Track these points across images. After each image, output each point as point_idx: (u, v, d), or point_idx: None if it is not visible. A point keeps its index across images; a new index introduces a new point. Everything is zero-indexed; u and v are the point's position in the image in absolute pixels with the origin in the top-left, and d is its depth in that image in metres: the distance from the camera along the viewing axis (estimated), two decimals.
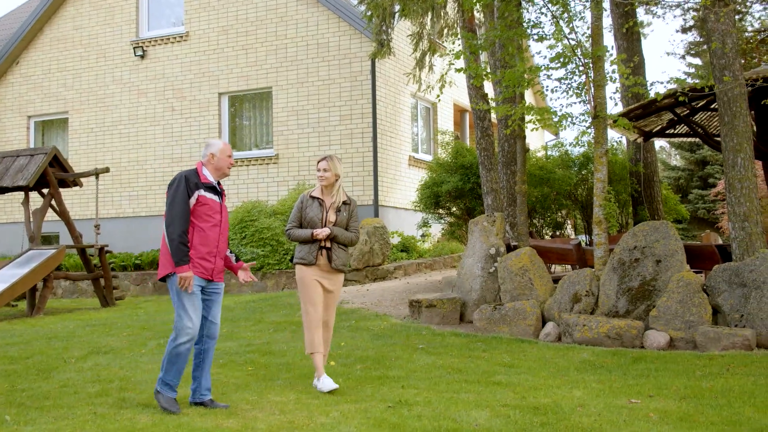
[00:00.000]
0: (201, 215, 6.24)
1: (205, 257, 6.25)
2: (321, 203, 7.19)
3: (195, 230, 6.23)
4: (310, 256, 7.07)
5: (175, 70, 19.41)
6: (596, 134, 10.17)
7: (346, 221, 7.23)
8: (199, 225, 6.23)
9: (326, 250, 7.11)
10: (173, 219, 6.12)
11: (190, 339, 6.16)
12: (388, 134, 17.84)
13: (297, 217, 7.23)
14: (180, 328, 6.13)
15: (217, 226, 6.34)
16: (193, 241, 6.20)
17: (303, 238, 7.11)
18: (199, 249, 6.22)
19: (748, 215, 9.36)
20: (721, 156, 9.89)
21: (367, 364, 8.03)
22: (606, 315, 9.47)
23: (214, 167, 6.42)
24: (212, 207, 6.30)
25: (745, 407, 5.93)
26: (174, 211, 6.14)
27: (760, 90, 10.70)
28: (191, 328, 6.14)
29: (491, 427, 5.45)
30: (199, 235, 6.23)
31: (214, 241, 6.30)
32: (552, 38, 10.09)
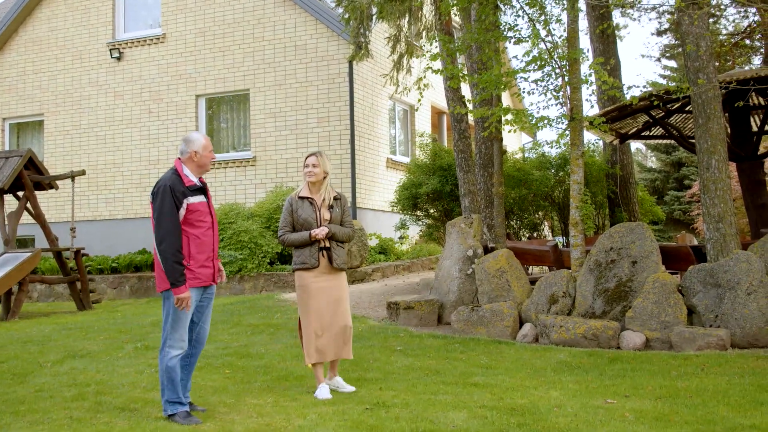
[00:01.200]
0: (193, 223, 5.94)
1: (204, 264, 6.00)
2: (312, 202, 6.92)
3: (190, 239, 5.91)
4: (313, 259, 6.82)
5: (152, 72, 19.32)
6: (572, 136, 10.23)
7: (340, 217, 7.00)
8: (193, 233, 5.93)
9: (326, 250, 6.86)
10: (164, 237, 5.78)
11: (182, 351, 5.97)
12: (366, 136, 17.85)
13: (289, 221, 6.94)
14: (173, 342, 5.92)
15: (210, 229, 6.07)
16: (190, 251, 5.90)
17: (301, 241, 6.85)
18: (198, 258, 5.95)
19: (722, 216, 9.45)
20: (696, 158, 9.97)
21: (344, 367, 8.02)
22: (583, 316, 9.53)
23: (196, 165, 6.11)
24: (202, 210, 6.02)
25: (719, 406, 5.98)
26: (163, 228, 5.79)
27: (734, 93, 10.82)
28: (184, 341, 5.97)
29: (468, 428, 5.47)
30: (195, 243, 5.94)
31: (210, 245, 6.05)
32: (529, 41, 10.15)
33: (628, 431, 5.36)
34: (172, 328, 5.91)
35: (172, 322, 5.90)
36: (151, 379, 7.57)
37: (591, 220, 11.20)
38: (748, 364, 7.68)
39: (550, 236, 17.41)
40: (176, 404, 5.90)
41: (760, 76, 10.56)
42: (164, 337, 5.96)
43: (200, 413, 6.07)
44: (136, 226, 18.98)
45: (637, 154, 43.60)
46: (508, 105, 10.98)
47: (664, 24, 22.37)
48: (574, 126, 10.16)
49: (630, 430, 5.38)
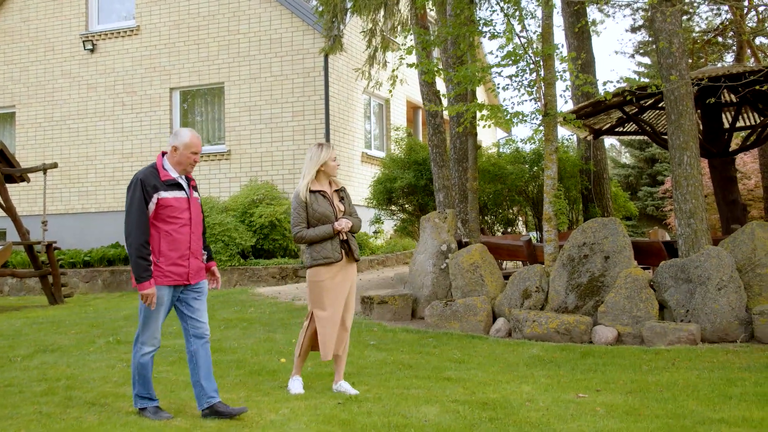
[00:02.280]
0: (165, 218, 5.68)
1: (177, 262, 5.72)
2: (325, 195, 6.67)
3: (161, 235, 5.68)
4: (337, 253, 6.58)
5: (126, 65, 19.16)
6: (546, 132, 10.27)
7: (349, 207, 6.85)
8: (165, 229, 5.68)
9: (345, 243, 6.67)
10: (130, 230, 5.59)
11: (155, 348, 5.82)
12: (341, 131, 17.82)
13: (303, 217, 6.61)
14: (144, 339, 5.77)
15: (187, 226, 5.77)
16: (161, 247, 5.67)
17: (323, 236, 6.55)
18: (170, 255, 5.69)
19: (693, 212, 9.53)
20: (668, 154, 10.05)
21: (317, 361, 7.99)
22: (555, 311, 9.57)
23: (176, 162, 5.84)
24: (177, 207, 5.72)
25: (688, 400, 6.04)
26: (130, 220, 5.60)
27: (706, 89, 10.91)
28: (156, 339, 5.80)
29: (440, 422, 5.48)
30: (167, 239, 5.69)
31: (185, 243, 5.75)
32: (504, 36, 10.17)
33: (598, 425, 5.39)
34: (143, 325, 5.78)
35: (143, 319, 5.78)
36: (123, 374, 7.52)
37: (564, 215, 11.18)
38: (718, 358, 7.76)
39: (525, 231, 17.49)
40: (146, 399, 5.83)
41: (732, 73, 10.65)
42: (137, 333, 5.86)
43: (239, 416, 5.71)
44: (109, 219, 18.83)
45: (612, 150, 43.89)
46: (483, 100, 10.99)
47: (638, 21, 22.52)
48: (548, 121, 10.20)
49: (600, 424, 5.41)
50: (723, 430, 5.20)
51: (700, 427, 5.28)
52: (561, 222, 10.36)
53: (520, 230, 17.33)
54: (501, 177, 15.16)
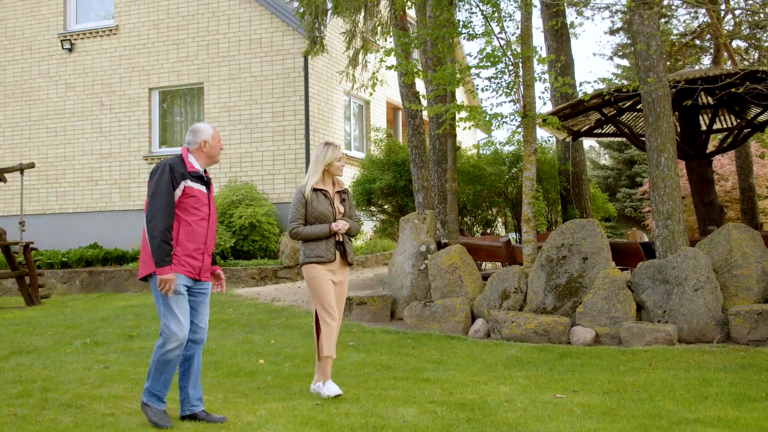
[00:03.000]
0: (187, 208, 5.60)
1: (193, 254, 5.62)
2: (326, 195, 6.61)
3: (181, 225, 5.58)
4: (329, 254, 6.52)
5: (104, 65, 19.04)
6: (525, 133, 10.30)
7: (349, 210, 6.78)
8: (185, 219, 5.59)
9: (340, 244, 6.61)
10: (155, 213, 5.45)
11: (180, 345, 5.55)
12: (321, 131, 17.80)
13: (302, 214, 6.55)
14: (168, 334, 5.51)
15: (205, 220, 5.70)
16: (179, 237, 5.56)
17: (318, 235, 6.50)
18: (186, 246, 5.58)
19: (671, 213, 9.59)
20: (646, 156, 10.11)
21: (296, 362, 8.00)
22: (534, 311, 9.61)
23: (206, 156, 5.82)
24: (200, 199, 5.66)
25: (665, 401, 6.08)
26: (156, 204, 5.47)
27: (684, 92, 10.97)
28: (181, 333, 5.54)
29: (418, 423, 5.49)
30: (186, 230, 5.59)
31: (201, 236, 5.67)
32: (483, 38, 10.20)
33: (575, 426, 5.41)
34: (165, 317, 5.55)
35: (164, 311, 5.55)
36: (99, 375, 7.47)
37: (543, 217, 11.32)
38: (694, 358, 7.81)
39: (504, 232, 17.54)
40: (155, 397, 5.61)
41: (709, 76, 10.73)
42: (162, 326, 5.60)
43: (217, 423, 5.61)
44: (87, 220, 18.73)
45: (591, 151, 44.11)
46: (462, 101, 11.01)
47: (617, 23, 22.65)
48: (527, 123, 10.23)
49: (577, 424, 5.44)
50: (698, 430, 5.24)
51: (676, 427, 5.32)
52: (540, 223, 10.42)
53: (499, 231, 17.38)
54: (480, 178, 15.20)
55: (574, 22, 19.38)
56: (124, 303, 13.50)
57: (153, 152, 18.46)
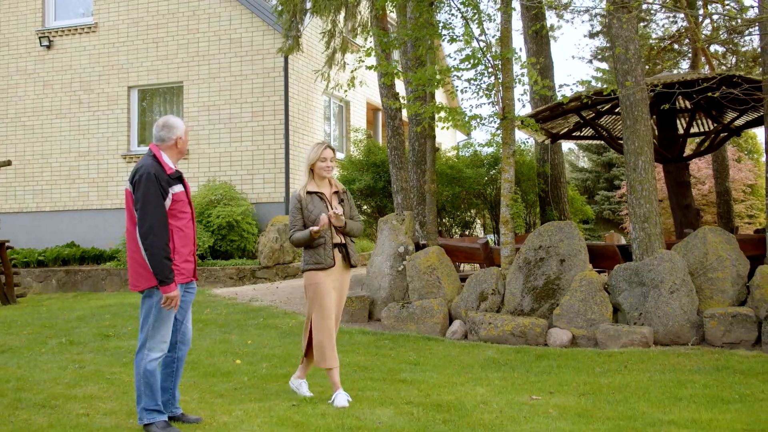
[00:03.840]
0: (176, 214, 5.43)
1: (188, 258, 5.51)
2: (322, 197, 6.40)
3: (174, 232, 5.41)
4: (328, 259, 6.29)
5: (83, 62, 18.92)
6: (504, 135, 10.33)
7: (349, 211, 6.54)
8: (176, 225, 5.42)
9: (342, 247, 6.39)
10: (151, 229, 5.23)
11: (164, 353, 5.47)
12: (300, 131, 17.77)
13: (299, 219, 6.36)
14: (153, 344, 5.38)
15: (191, 220, 5.58)
16: (175, 245, 5.40)
17: (304, 240, 6.29)
18: (182, 252, 5.45)
19: (648, 216, 9.65)
20: (624, 159, 10.18)
21: (273, 363, 7.99)
22: (511, 313, 9.64)
23: (179, 152, 5.61)
24: (184, 201, 5.50)
25: (640, 402, 6.12)
26: (150, 219, 5.25)
27: (662, 95, 11.04)
28: (166, 343, 5.45)
29: (394, 424, 5.49)
30: (179, 236, 5.43)
31: (192, 237, 5.55)
32: (463, 39, 10.22)
33: (551, 427, 5.43)
34: (154, 329, 5.37)
35: (154, 322, 5.36)
36: (75, 375, 7.43)
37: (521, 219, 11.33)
38: (669, 360, 7.86)
39: (482, 234, 17.58)
40: (154, 413, 5.39)
41: (686, 80, 10.81)
42: (143, 338, 5.41)
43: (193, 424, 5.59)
44: (64, 218, 18.60)
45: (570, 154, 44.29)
46: (441, 102, 11.03)
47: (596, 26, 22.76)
48: (505, 125, 10.26)
49: (553, 426, 5.46)
50: (672, 431, 5.27)
51: (650, 428, 5.35)
52: (518, 225, 10.44)
53: (477, 233, 17.42)
54: (459, 180, 15.23)
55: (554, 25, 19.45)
56: (100, 302, 13.42)
57: (132, 151, 18.36)
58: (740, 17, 11.28)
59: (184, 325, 5.70)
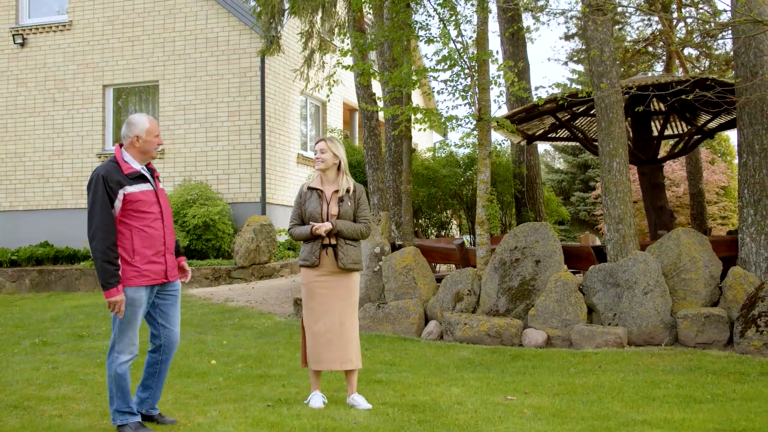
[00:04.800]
0: (135, 214, 5.25)
1: (153, 260, 5.31)
2: (320, 194, 6.25)
3: (134, 233, 5.23)
4: (312, 257, 6.16)
5: (57, 60, 18.77)
6: (480, 136, 10.37)
7: (353, 211, 6.31)
8: (136, 226, 5.24)
9: (331, 247, 6.19)
10: (94, 233, 5.11)
11: (134, 357, 5.36)
12: (277, 131, 17.73)
13: (297, 214, 6.31)
14: (123, 347, 5.28)
15: (159, 220, 5.37)
16: (134, 246, 5.23)
17: (303, 236, 6.20)
18: (144, 253, 5.26)
19: (622, 218, 9.72)
20: (599, 160, 10.25)
21: (248, 363, 7.97)
22: (487, 314, 9.67)
23: (138, 151, 5.38)
24: (146, 200, 5.31)
25: (614, 402, 6.16)
26: (94, 222, 5.12)
27: (636, 98, 11.12)
28: (135, 346, 5.34)
29: (369, 425, 5.49)
30: (141, 236, 5.25)
31: (159, 238, 5.35)
32: (440, 41, 10.25)
33: (525, 427, 5.46)
34: (120, 332, 5.27)
35: (119, 325, 5.26)
36: (48, 376, 7.37)
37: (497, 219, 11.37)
38: (643, 361, 7.93)
39: (458, 235, 17.62)
40: (126, 414, 5.32)
41: (660, 82, 10.90)
42: (112, 340, 5.34)
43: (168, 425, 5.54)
44: (38, 218, 18.44)
45: (546, 155, 44.48)
46: (418, 103, 11.05)
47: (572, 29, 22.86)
48: (481, 126, 10.30)
49: (527, 426, 5.49)
50: (645, 431, 5.31)
51: (623, 428, 5.39)
52: (494, 226, 10.48)
53: (453, 234, 17.46)
54: (435, 180, 15.26)
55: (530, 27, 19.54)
56: (74, 302, 13.33)
57: (107, 150, 18.23)
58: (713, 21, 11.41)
59: (167, 329, 5.54)
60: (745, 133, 9.76)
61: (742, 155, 9.82)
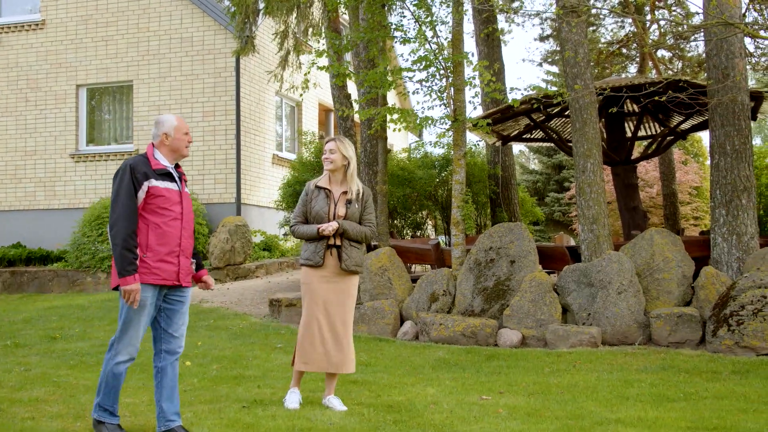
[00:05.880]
0: (155, 210, 5.18)
1: (165, 259, 5.19)
2: (328, 194, 6.18)
3: (150, 228, 5.16)
4: (317, 257, 6.10)
5: (30, 60, 18.59)
6: (455, 137, 10.40)
7: (359, 214, 6.24)
8: (154, 221, 5.17)
9: (336, 248, 6.14)
10: (116, 220, 5.04)
11: (131, 359, 5.26)
12: (252, 132, 17.68)
13: (302, 211, 6.24)
14: (122, 347, 5.18)
15: (178, 220, 5.27)
16: (149, 241, 5.14)
17: (308, 236, 6.14)
18: (158, 250, 5.16)
19: (596, 218, 9.79)
20: (574, 161, 10.31)
21: (223, 364, 7.94)
22: (462, 314, 9.70)
23: (169, 149, 5.34)
24: (169, 198, 5.23)
25: (588, 402, 6.20)
26: (117, 210, 5.06)
27: (610, 99, 11.21)
28: (135, 347, 5.22)
29: (345, 425, 5.49)
30: (156, 233, 5.17)
31: (175, 238, 5.24)
32: (415, 42, 10.27)
33: (500, 427, 5.48)
34: (121, 331, 5.18)
35: (123, 323, 5.17)
36: (20, 378, 7.30)
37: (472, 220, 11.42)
38: (617, 360, 7.99)
39: (433, 235, 17.65)
40: (106, 412, 5.22)
41: (634, 84, 10.97)
42: (113, 338, 5.26)
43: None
44: (10, 218, 18.25)
45: (520, 156, 44.66)
46: (394, 103, 11.07)
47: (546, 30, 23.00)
48: (456, 127, 10.33)
49: (502, 425, 5.51)
50: (619, 430, 5.35)
51: (597, 427, 5.43)
52: (469, 226, 10.52)
53: (428, 234, 17.48)
54: (411, 181, 15.27)
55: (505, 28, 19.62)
56: (47, 304, 13.22)
57: (80, 150, 18.10)
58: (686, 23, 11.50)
59: (171, 335, 5.39)
60: (717, 134, 9.86)
61: (714, 156, 9.92)
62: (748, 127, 9.86)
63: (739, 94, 9.71)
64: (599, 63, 19.76)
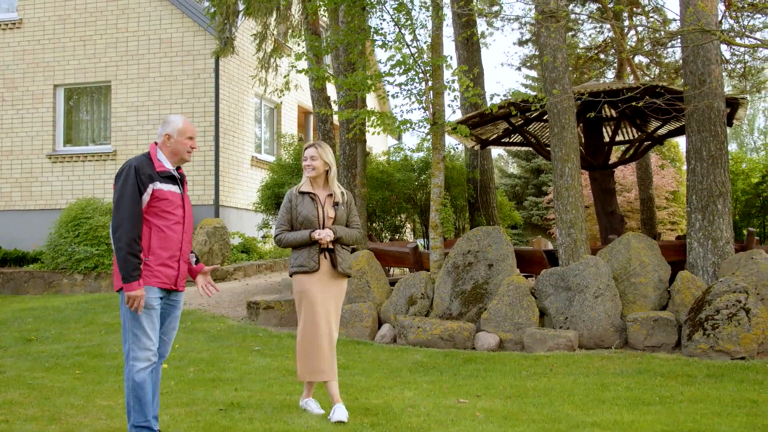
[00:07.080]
0: (159, 213, 5.05)
1: (167, 263, 5.07)
2: (314, 198, 6.10)
3: (153, 231, 5.03)
4: (312, 262, 5.98)
5: (7, 59, 18.44)
6: (434, 140, 10.42)
7: (346, 217, 6.20)
8: (156, 224, 5.04)
9: (329, 252, 6.06)
10: (120, 222, 4.90)
11: (152, 363, 5.03)
12: (231, 134, 17.63)
13: (287, 219, 6.11)
14: (138, 353, 4.97)
15: (180, 224, 5.15)
16: (151, 244, 5.02)
17: (299, 242, 6.00)
18: (160, 254, 5.04)
19: (574, 222, 9.84)
20: (552, 165, 10.36)
21: (200, 367, 7.92)
22: (440, 317, 9.71)
23: (170, 151, 5.20)
24: (172, 201, 5.11)
25: (564, 405, 6.23)
26: (121, 213, 4.91)
27: (588, 104, 11.28)
28: (151, 350, 5.01)
29: (322, 428, 5.49)
30: (159, 236, 5.04)
31: (176, 242, 5.12)
32: (393, 47, 10.28)
33: (477, 430, 5.50)
34: (133, 336, 4.98)
35: (132, 329, 4.98)
36: None
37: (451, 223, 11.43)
38: (594, 364, 8.03)
39: (412, 238, 17.67)
40: (144, 429, 5.01)
41: (611, 89, 11.05)
42: (126, 348, 5.03)
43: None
44: None
45: (500, 160, 44.79)
46: (373, 107, 11.07)
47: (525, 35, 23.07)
48: (435, 130, 10.35)
49: (479, 428, 5.53)
50: None
51: (574, 430, 5.46)
52: (447, 230, 10.54)
53: (407, 237, 17.50)
54: (389, 184, 15.28)
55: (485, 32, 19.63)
56: (23, 306, 13.10)
57: (57, 150, 17.97)
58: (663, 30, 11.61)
59: (161, 339, 5.20)
60: (694, 140, 9.94)
61: (691, 161, 10.00)
62: (724, 133, 9.95)
63: (715, 100, 9.80)
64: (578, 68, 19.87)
